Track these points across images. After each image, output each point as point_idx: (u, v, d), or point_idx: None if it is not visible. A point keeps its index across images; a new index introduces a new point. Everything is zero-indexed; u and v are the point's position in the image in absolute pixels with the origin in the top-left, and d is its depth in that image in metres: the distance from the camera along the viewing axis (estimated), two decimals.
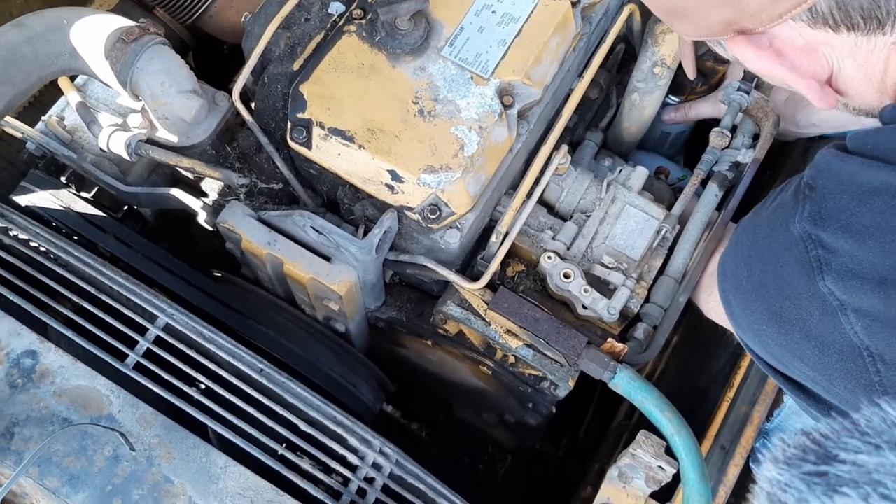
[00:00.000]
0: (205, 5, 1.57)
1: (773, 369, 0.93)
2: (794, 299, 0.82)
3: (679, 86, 1.50)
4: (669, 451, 1.20)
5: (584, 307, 1.25)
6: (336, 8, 1.30)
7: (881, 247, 0.74)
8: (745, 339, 0.95)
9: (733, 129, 1.39)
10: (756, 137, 1.39)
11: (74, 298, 1.10)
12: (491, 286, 1.26)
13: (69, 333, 1.06)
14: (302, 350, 1.36)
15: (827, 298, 0.78)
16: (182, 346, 1.09)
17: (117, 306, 1.10)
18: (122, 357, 1.07)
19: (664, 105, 1.49)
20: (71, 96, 1.36)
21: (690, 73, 1.01)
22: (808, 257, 0.80)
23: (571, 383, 1.28)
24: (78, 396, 1.04)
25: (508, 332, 1.29)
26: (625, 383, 1.21)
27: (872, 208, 0.76)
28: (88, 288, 1.11)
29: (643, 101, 1.41)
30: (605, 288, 1.28)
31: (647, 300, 1.29)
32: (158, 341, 1.09)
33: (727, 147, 1.38)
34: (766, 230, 0.88)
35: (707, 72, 1.49)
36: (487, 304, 1.26)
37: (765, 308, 0.87)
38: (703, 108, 1.50)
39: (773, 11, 0.72)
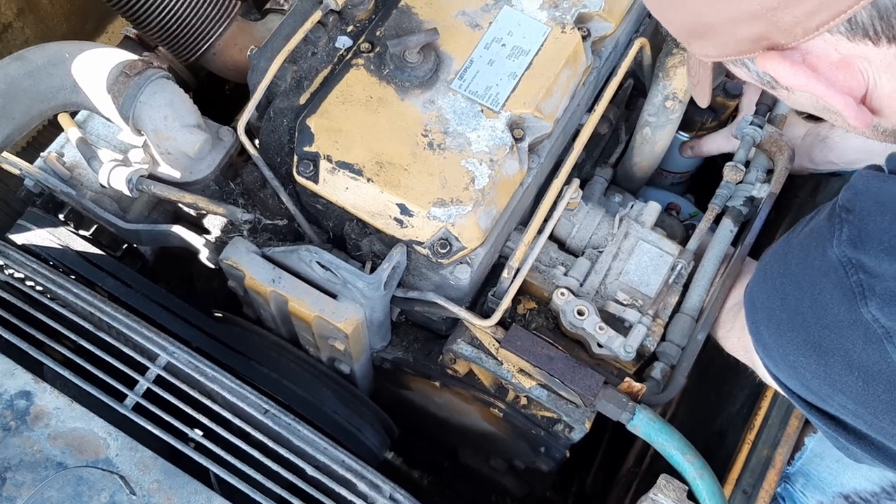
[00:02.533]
0: (208, 43, 1.55)
1: (808, 404, 0.88)
2: (835, 328, 0.78)
3: (689, 121, 1.48)
4: (691, 496, 1.15)
5: (600, 345, 1.21)
6: (343, 42, 1.28)
7: None
8: (777, 373, 0.90)
9: (747, 164, 1.36)
10: (770, 172, 1.37)
11: (72, 336, 1.05)
12: (502, 324, 1.22)
13: (65, 373, 1.01)
14: (305, 392, 1.32)
15: (871, 326, 0.74)
16: (184, 387, 1.05)
17: (116, 344, 1.05)
18: (120, 398, 1.02)
19: (675, 141, 1.47)
20: (71, 132, 1.33)
21: (704, 100, 0.94)
22: (849, 282, 0.76)
23: (588, 425, 1.23)
24: (73, 439, 0.99)
25: (521, 371, 1.24)
26: (644, 425, 1.16)
27: None
28: (86, 325, 1.06)
29: (655, 136, 1.39)
30: (619, 325, 1.24)
31: (663, 338, 1.25)
32: (159, 381, 1.04)
33: (741, 182, 1.36)
34: (799, 256, 0.84)
35: (717, 107, 1.48)
36: (499, 342, 1.21)
37: (802, 338, 0.83)
38: (720, 142, 1.47)
39: (809, 24, 0.68)
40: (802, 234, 0.86)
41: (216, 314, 1.43)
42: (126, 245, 1.46)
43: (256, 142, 1.31)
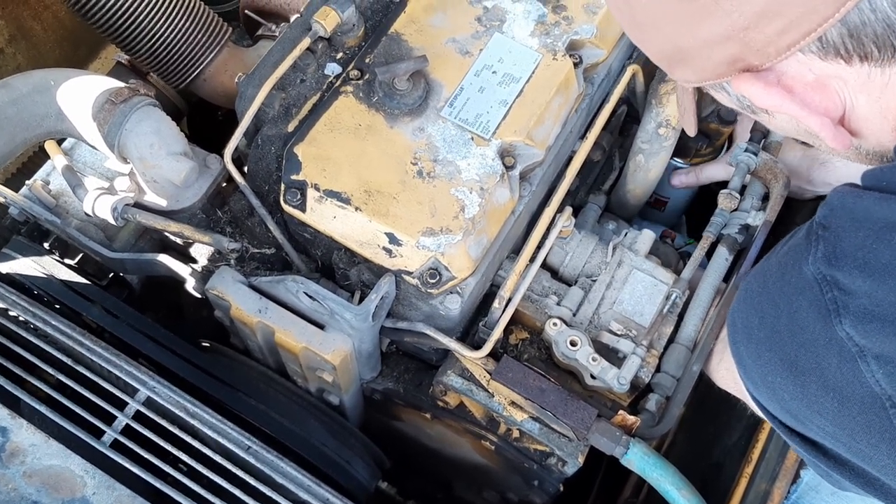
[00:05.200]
0: (198, 69, 1.54)
1: (789, 430, 0.86)
2: (810, 346, 0.76)
3: (683, 148, 1.47)
4: None
5: (593, 377, 1.19)
6: (332, 69, 1.27)
7: None
8: (758, 395, 0.88)
9: (742, 191, 1.34)
10: (766, 199, 1.35)
11: (50, 371, 1.03)
12: (494, 355, 1.20)
13: (42, 409, 0.99)
14: (293, 424, 1.29)
15: (845, 344, 0.72)
16: (164, 422, 1.02)
17: (95, 379, 1.03)
18: (98, 434, 0.99)
19: (669, 167, 1.45)
20: (57, 160, 1.31)
21: (691, 129, 0.95)
22: (824, 300, 0.74)
23: (581, 459, 1.21)
24: (49, 477, 0.96)
25: (513, 403, 1.21)
26: (638, 459, 1.13)
27: (891, 245, 0.70)
28: (65, 360, 1.04)
29: (648, 163, 1.37)
30: (613, 356, 1.21)
31: (657, 369, 1.22)
32: (138, 417, 1.02)
33: (736, 209, 1.34)
34: (777, 274, 0.82)
35: (711, 133, 1.47)
36: (490, 373, 1.19)
37: (779, 358, 0.81)
38: (715, 171, 1.45)
39: (780, 43, 0.68)
40: (781, 253, 0.84)
41: (203, 344, 1.40)
42: (112, 274, 1.43)
43: (246, 169, 1.29)
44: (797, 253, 0.79)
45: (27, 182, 1.33)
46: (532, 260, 1.22)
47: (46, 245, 1.39)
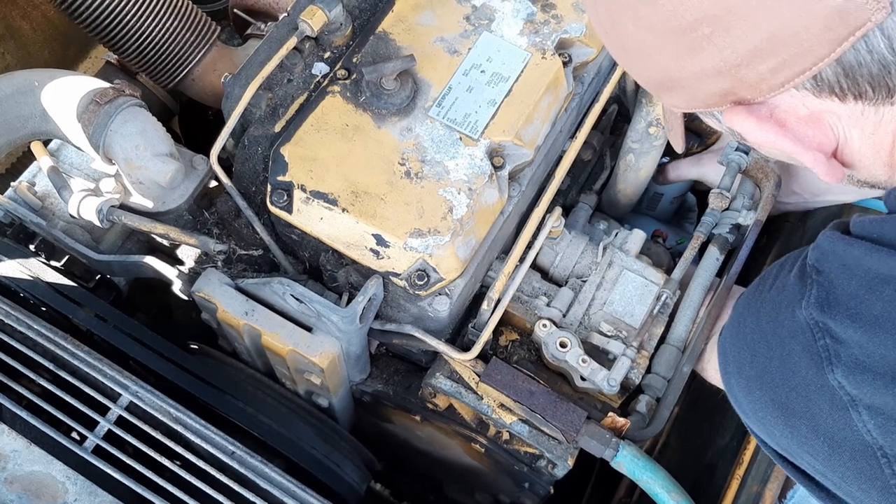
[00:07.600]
0: (186, 69, 1.53)
1: (781, 458, 0.85)
2: (802, 390, 0.76)
3: None
4: None
5: (583, 378, 1.18)
6: (320, 69, 1.25)
7: (893, 339, 0.69)
8: (750, 425, 0.88)
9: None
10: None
11: (32, 375, 1.01)
12: (483, 357, 1.19)
13: (23, 414, 0.97)
14: (282, 427, 1.28)
15: (837, 392, 0.72)
16: (147, 428, 1.01)
17: (78, 384, 1.02)
18: (80, 440, 0.98)
19: (659, 166, 1.44)
20: (43, 161, 1.30)
21: (679, 146, 0.93)
22: (816, 346, 0.74)
23: (570, 462, 1.20)
24: (31, 483, 0.95)
25: (502, 406, 1.20)
26: (628, 462, 1.12)
27: (882, 297, 0.70)
28: (47, 364, 1.03)
29: (638, 162, 1.36)
30: (603, 358, 1.20)
31: (648, 370, 1.21)
32: (121, 422, 1.00)
33: (727, 209, 1.33)
34: (770, 314, 0.81)
35: (703, 133, 1.45)
36: (479, 375, 1.18)
37: (769, 398, 0.81)
38: (684, 170, 1.45)
39: (773, 81, 0.67)
40: (775, 289, 0.83)
41: (191, 346, 1.39)
42: (99, 276, 1.42)
43: (233, 170, 1.28)
44: (791, 294, 0.79)
45: (13, 184, 1.32)
46: (521, 261, 1.21)
47: (32, 247, 1.37)
